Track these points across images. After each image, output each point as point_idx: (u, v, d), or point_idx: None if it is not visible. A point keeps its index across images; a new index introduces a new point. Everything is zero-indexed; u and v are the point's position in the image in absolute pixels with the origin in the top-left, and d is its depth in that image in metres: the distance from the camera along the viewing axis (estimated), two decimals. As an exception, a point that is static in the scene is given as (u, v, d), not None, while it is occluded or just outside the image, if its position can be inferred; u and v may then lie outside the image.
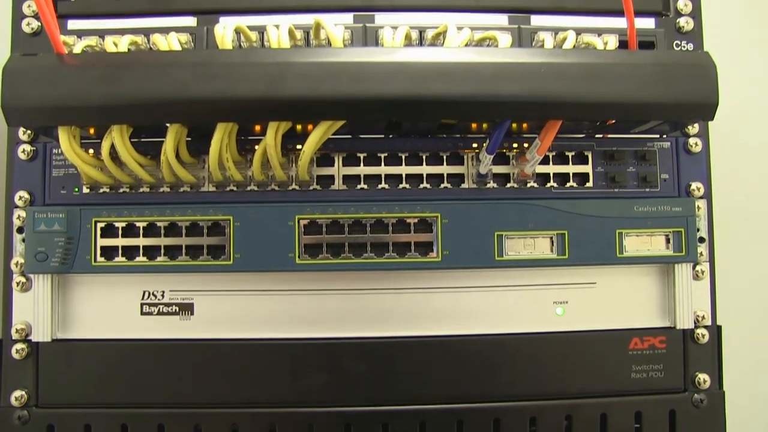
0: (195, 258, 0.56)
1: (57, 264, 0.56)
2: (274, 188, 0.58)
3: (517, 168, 0.58)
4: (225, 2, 0.60)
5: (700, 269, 0.60)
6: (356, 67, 0.47)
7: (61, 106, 0.47)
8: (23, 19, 0.59)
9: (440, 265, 0.56)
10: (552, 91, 0.48)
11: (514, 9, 0.60)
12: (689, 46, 0.62)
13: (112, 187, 0.57)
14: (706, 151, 0.62)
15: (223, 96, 0.47)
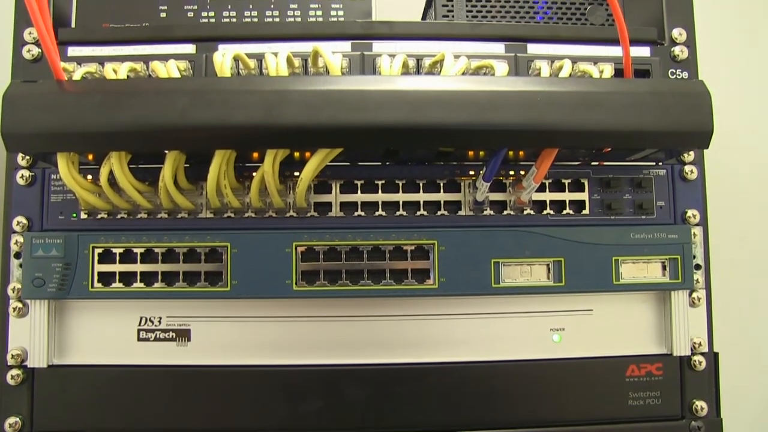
0: (192, 284, 0.56)
1: (54, 290, 0.56)
2: (271, 215, 0.58)
3: (514, 195, 0.58)
4: (224, 30, 0.60)
5: (696, 296, 0.60)
6: (354, 96, 0.48)
7: (60, 132, 0.48)
8: (24, 45, 0.59)
9: (437, 292, 0.57)
10: (548, 119, 0.48)
11: (510, 38, 0.61)
12: (684, 75, 0.62)
13: (110, 213, 0.58)
14: (702, 179, 0.62)
15: (221, 123, 0.47)
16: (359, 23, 0.60)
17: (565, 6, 0.65)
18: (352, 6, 0.62)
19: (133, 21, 0.62)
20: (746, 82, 0.95)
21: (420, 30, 0.61)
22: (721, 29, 0.98)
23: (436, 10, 0.64)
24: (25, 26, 0.60)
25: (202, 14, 0.62)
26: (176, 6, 0.62)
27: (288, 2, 0.62)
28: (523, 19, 0.65)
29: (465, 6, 0.64)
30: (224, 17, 0.62)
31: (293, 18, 0.62)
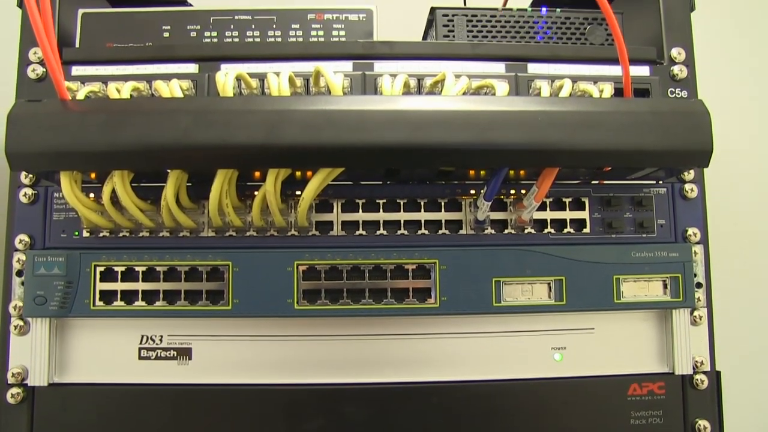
0: (194, 303, 0.56)
1: (56, 308, 0.56)
2: (273, 234, 0.58)
3: (515, 214, 0.59)
4: (226, 49, 0.61)
5: (697, 314, 0.60)
6: (355, 116, 0.48)
7: (63, 151, 0.48)
8: (29, 65, 0.60)
9: (438, 311, 0.56)
10: (549, 139, 0.49)
11: (511, 57, 0.61)
12: (683, 94, 0.63)
13: (111, 231, 0.58)
14: (702, 197, 0.62)
15: (223, 143, 0.47)
16: (360, 43, 0.61)
17: (565, 26, 0.66)
18: (354, 26, 0.63)
19: (136, 41, 0.62)
20: (745, 101, 0.95)
21: (421, 50, 0.61)
22: (720, 47, 0.99)
23: (436, 30, 0.64)
24: (30, 46, 0.60)
25: (204, 34, 0.62)
26: (179, 26, 0.63)
27: (290, 22, 0.62)
28: (524, 39, 0.65)
29: (466, 26, 0.64)
30: (227, 37, 0.62)
31: (295, 38, 0.62)
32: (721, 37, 1.02)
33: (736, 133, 0.93)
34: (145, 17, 0.63)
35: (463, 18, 0.64)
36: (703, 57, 0.65)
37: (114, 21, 0.63)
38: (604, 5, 0.53)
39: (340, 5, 0.63)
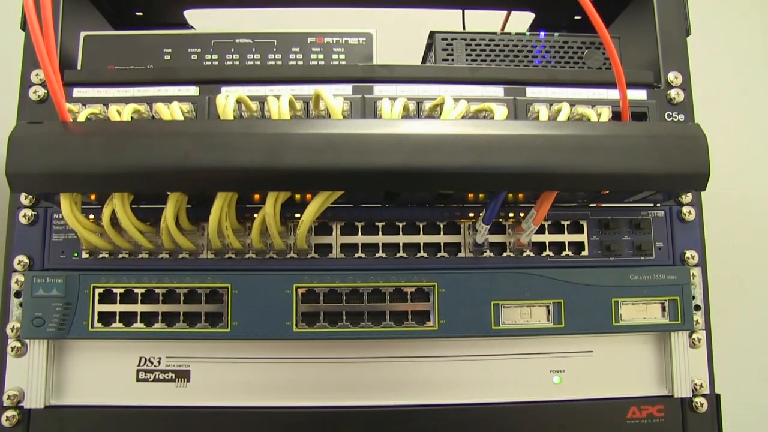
0: (192, 325, 0.56)
1: (54, 329, 0.56)
2: (272, 256, 0.58)
3: (514, 237, 0.59)
4: (227, 72, 0.61)
5: (696, 337, 0.60)
6: (355, 139, 0.48)
7: (64, 173, 0.48)
8: (30, 87, 0.60)
9: (437, 334, 0.56)
10: (547, 162, 0.49)
11: (509, 81, 0.62)
12: (680, 117, 0.63)
13: (111, 253, 0.58)
14: (700, 220, 0.62)
15: (223, 166, 0.48)
16: (360, 66, 0.61)
17: (563, 50, 0.66)
18: (354, 49, 0.63)
19: (138, 63, 0.63)
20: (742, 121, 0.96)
21: (420, 73, 0.62)
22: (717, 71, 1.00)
23: (436, 54, 0.65)
24: (32, 68, 0.61)
25: (205, 57, 0.63)
26: (180, 49, 0.63)
27: (290, 46, 0.63)
28: (522, 62, 0.66)
29: (464, 50, 0.65)
30: (227, 60, 0.63)
31: (295, 61, 0.63)
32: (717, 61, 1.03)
33: (733, 155, 0.94)
34: (147, 40, 0.64)
35: (462, 42, 0.65)
36: (699, 81, 0.65)
37: (116, 43, 0.64)
38: (602, 30, 0.54)
39: (340, 29, 0.64)
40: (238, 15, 0.81)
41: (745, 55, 1.11)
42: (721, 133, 0.82)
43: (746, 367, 0.85)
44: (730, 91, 1.04)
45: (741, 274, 0.96)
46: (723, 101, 0.98)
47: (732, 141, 0.96)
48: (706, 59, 0.82)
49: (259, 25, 0.64)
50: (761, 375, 0.84)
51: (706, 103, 0.69)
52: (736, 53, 1.10)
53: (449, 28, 0.66)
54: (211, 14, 0.81)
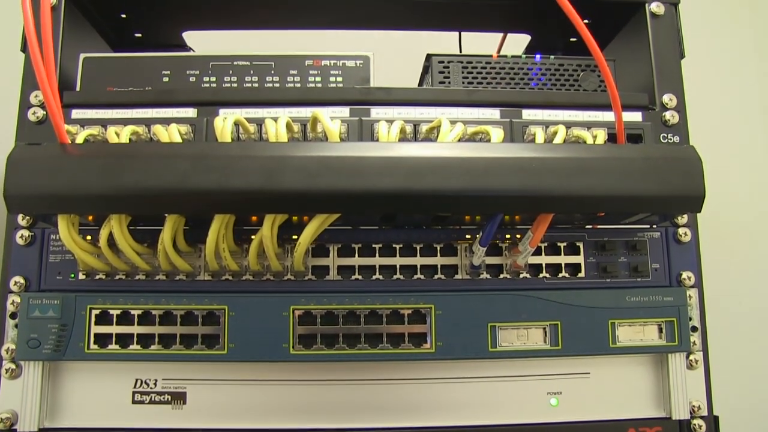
0: (189, 347, 0.56)
1: (49, 351, 0.55)
2: (269, 278, 0.58)
3: (510, 259, 0.59)
4: (225, 94, 0.61)
5: (693, 359, 0.60)
6: (352, 162, 0.49)
7: (62, 195, 0.48)
8: (29, 108, 0.60)
9: (434, 356, 0.56)
10: (543, 185, 0.49)
11: (505, 103, 0.62)
12: (675, 139, 0.64)
13: (108, 274, 0.58)
14: (696, 241, 0.63)
15: (221, 189, 0.48)
16: (357, 89, 0.62)
17: (559, 72, 0.67)
18: (351, 72, 0.63)
19: (136, 85, 0.63)
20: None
21: (417, 96, 0.62)
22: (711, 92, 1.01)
23: (432, 76, 0.65)
24: (31, 89, 0.61)
25: (203, 79, 0.63)
26: (179, 71, 0.63)
27: (288, 68, 0.63)
28: (518, 85, 0.66)
29: (461, 72, 0.65)
30: (225, 82, 0.63)
31: (293, 83, 0.63)
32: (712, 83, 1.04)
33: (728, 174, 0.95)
34: (146, 62, 0.64)
35: (459, 65, 0.65)
36: (693, 102, 0.66)
37: (115, 65, 0.64)
38: (597, 53, 0.54)
39: (338, 52, 0.64)
40: (236, 37, 0.82)
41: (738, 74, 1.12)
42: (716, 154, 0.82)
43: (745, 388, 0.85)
44: (723, 111, 1.05)
45: (739, 292, 0.97)
46: (719, 121, 0.99)
47: (727, 161, 0.97)
48: (700, 80, 0.83)
49: (257, 48, 0.64)
50: (760, 396, 0.84)
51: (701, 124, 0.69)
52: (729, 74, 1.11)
53: (446, 51, 0.66)
54: (208, 36, 0.82)
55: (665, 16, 0.66)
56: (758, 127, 1.11)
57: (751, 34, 1.16)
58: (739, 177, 1.02)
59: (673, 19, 0.67)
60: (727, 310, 0.88)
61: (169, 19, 0.76)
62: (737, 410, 0.76)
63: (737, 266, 0.95)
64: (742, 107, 1.07)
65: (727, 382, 0.69)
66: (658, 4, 0.66)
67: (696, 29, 0.80)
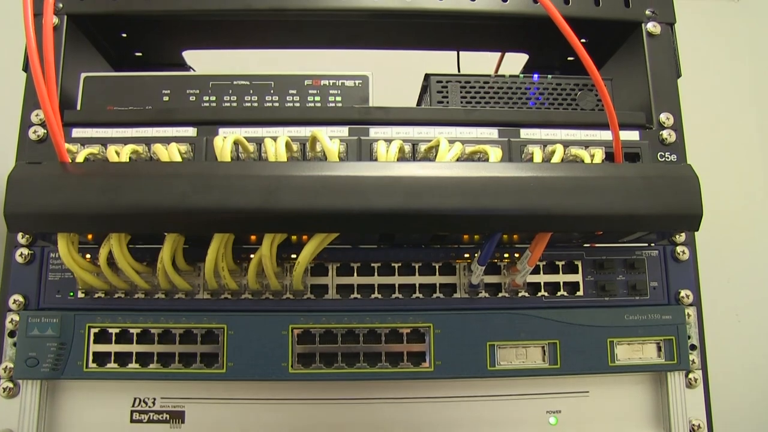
0: (188, 366, 0.56)
1: (48, 370, 0.55)
2: (268, 297, 0.58)
3: (509, 278, 0.59)
4: (224, 114, 0.62)
5: (692, 377, 0.60)
6: (351, 182, 0.49)
7: (62, 214, 0.48)
8: (30, 126, 0.61)
9: (433, 375, 0.56)
10: (541, 204, 0.49)
11: (503, 123, 0.62)
12: (673, 158, 0.64)
13: (107, 293, 0.58)
14: (694, 259, 0.63)
15: (220, 208, 0.48)
16: (356, 108, 0.62)
17: (556, 92, 0.67)
18: (350, 92, 0.64)
19: (137, 104, 0.63)
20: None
21: (415, 115, 0.62)
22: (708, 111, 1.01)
23: (431, 96, 0.66)
24: (32, 108, 0.61)
25: (203, 98, 0.64)
26: (179, 90, 0.64)
27: (287, 88, 0.64)
28: (516, 104, 0.66)
29: (459, 92, 0.66)
30: (225, 102, 0.63)
31: (292, 103, 0.63)
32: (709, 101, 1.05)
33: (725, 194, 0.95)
34: (146, 81, 0.64)
35: (457, 84, 0.66)
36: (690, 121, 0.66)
37: (115, 84, 0.64)
38: (594, 72, 0.55)
39: (337, 72, 0.64)
40: (235, 56, 0.82)
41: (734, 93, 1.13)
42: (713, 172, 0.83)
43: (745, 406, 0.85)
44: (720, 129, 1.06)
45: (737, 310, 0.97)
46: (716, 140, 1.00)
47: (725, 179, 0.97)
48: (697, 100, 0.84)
49: (256, 68, 0.65)
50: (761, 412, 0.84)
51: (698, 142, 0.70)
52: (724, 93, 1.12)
53: (444, 71, 0.67)
54: (208, 55, 0.82)
55: (661, 36, 0.67)
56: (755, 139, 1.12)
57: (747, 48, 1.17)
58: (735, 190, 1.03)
59: (670, 39, 0.67)
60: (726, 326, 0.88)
61: (170, 38, 0.76)
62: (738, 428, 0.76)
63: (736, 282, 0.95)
64: (738, 120, 1.08)
65: (727, 400, 0.69)
66: (654, 24, 0.67)
67: (691, 48, 0.80)
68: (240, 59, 0.86)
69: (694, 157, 0.64)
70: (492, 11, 0.66)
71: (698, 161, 0.58)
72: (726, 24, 1.21)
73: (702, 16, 1.21)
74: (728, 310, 0.96)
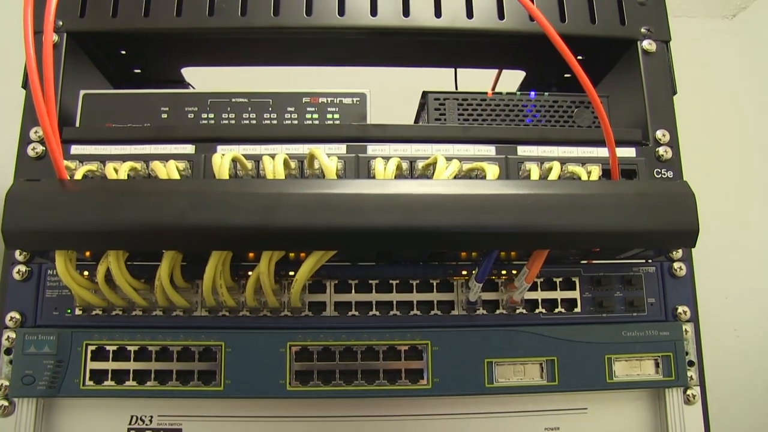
0: (185, 383, 0.56)
1: (44, 387, 0.55)
2: (266, 314, 0.58)
3: (506, 295, 0.59)
4: (223, 131, 0.62)
5: (691, 393, 0.60)
6: (349, 199, 0.49)
7: (60, 231, 0.48)
8: (29, 143, 0.61)
9: (431, 392, 0.56)
10: (539, 222, 0.50)
11: (501, 140, 0.63)
12: (669, 174, 0.64)
13: (104, 310, 0.58)
14: (691, 275, 0.63)
15: (218, 226, 0.48)
16: (354, 126, 0.62)
17: (553, 109, 0.68)
18: (348, 109, 0.64)
19: (135, 121, 0.64)
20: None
21: (413, 133, 0.63)
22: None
23: (428, 113, 0.66)
24: (31, 125, 0.61)
25: (202, 116, 0.64)
26: (177, 107, 0.64)
27: (285, 105, 0.64)
28: (513, 121, 0.67)
29: (457, 109, 0.66)
30: (223, 119, 0.64)
31: (290, 120, 0.64)
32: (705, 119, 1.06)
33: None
34: (145, 98, 0.65)
35: (454, 102, 0.66)
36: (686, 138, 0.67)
37: (114, 101, 0.65)
38: (590, 90, 0.55)
39: (335, 89, 0.65)
40: (234, 72, 0.83)
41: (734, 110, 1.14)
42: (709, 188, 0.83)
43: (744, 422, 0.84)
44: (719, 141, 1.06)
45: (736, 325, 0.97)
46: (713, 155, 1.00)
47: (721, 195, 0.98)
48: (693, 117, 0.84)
49: (254, 85, 0.65)
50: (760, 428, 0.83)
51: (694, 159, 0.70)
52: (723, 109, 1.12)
53: (441, 88, 0.67)
54: (207, 71, 0.83)
55: (657, 54, 0.67)
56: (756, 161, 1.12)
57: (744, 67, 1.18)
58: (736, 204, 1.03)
59: (665, 56, 0.68)
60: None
61: (169, 55, 0.77)
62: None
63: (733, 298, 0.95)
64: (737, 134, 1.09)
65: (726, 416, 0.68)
66: (650, 42, 0.67)
67: (687, 66, 0.81)
68: (238, 76, 0.86)
69: (689, 173, 0.64)
70: (489, 29, 0.66)
71: (694, 177, 0.58)
72: (721, 41, 1.22)
73: (697, 34, 1.22)
74: (726, 325, 0.96)
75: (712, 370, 0.62)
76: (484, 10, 0.66)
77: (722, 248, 0.99)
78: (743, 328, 0.98)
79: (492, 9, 0.66)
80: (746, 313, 1.00)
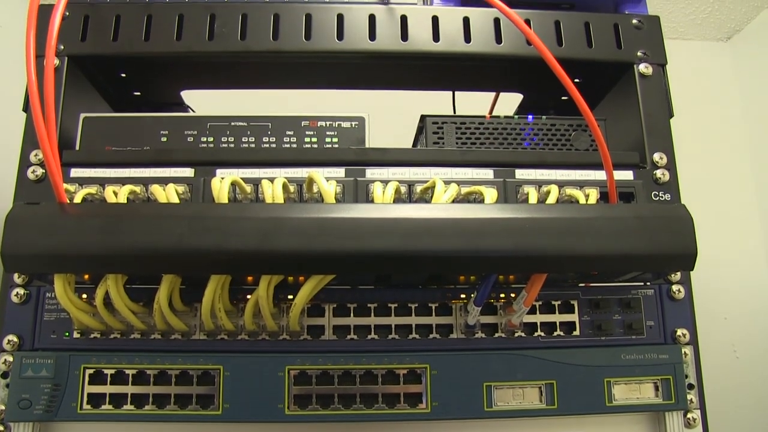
0: (184, 407, 0.56)
1: (41, 412, 0.55)
2: (264, 338, 0.58)
3: (505, 318, 0.59)
4: (222, 155, 0.62)
5: (691, 417, 0.60)
6: (348, 224, 0.49)
7: (59, 255, 0.48)
8: (29, 166, 0.61)
9: (430, 416, 0.56)
10: (537, 246, 0.50)
11: (499, 163, 0.63)
12: (667, 197, 0.64)
13: (102, 333, 0.57)
14: (690, 298, 0.63)
15: (217, 250, 0.48)
16: (353, 150, 0.63)
17: (551, 132, 0.68)
18: (346, 133, 0.64)
19: (135, 144, 0.64)
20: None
21: (412, 156, 0.63)
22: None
23: (427, 137, 0.66)
24: (31, 148, 0.61)
25: (201, 139, 0.64)
26: (177, 131, 0.64)
27: (284, 129, 0.64)
28: (511, 145, 0.67)
29: (455, 133, 0.67)
30: (223, 142, 0.64)
31: (289, 144, 0.64)
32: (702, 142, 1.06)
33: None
34: (145, 122, 0.65)
35: (453, 125, 0.67)
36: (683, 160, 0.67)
37: (114, 125, 0.65)
38: (588, 114, 0.56)
39: (334, 113, 0.65)
40: (234, 96, 0.83)
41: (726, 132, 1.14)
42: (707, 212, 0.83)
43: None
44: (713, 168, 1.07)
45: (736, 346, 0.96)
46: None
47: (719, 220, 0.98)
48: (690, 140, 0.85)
49: (254, 109, 0.65)
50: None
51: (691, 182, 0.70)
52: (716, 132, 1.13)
53: (440, 111, 0.67)
54: (206, 95, 0.83)
55: (653, 77, 0.68)
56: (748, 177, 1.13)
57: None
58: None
59: (661, 80, 0.68)
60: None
61: (168, 78, 0.77)
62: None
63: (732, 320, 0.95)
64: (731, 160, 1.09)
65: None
66: (646, 65, 0.68)
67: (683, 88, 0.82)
68: (238, 100, 0.87)
69: (687, 195, 0.64)
70: (486, 53, 0.67)
71: (691, 200, 0.58)
72: (716, 64, 1.23)
73: (693, 57, 1.23)
74: (726, 347, 0.96)
75: (712, 393, 0.62)
76: (481, 34, 0.67)
77: (721, 269, 0.99)
78: (743, 350, 0.98)
79: (490, 33, 0.67)
80: (746, 332, 1.00)
